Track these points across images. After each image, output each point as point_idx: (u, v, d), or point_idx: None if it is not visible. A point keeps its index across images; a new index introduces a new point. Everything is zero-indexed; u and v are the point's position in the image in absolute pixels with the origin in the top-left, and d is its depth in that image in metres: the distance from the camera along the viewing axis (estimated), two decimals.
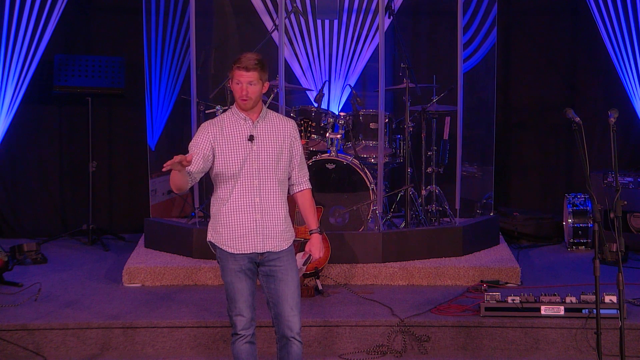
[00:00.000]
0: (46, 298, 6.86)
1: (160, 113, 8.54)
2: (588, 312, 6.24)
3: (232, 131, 4.93)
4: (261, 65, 4.88)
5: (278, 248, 4.97)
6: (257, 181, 4.90)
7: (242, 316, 4.99)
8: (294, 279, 4.99)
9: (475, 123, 8.50)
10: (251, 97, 4.87)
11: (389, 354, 6.24)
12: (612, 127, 5.34)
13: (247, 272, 4.97)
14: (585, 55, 9.29)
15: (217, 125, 4.94)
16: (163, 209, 8.57)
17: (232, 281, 4.97)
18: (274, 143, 4.94)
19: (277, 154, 4.94)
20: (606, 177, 8.49)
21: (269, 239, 4.94)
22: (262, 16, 8.87)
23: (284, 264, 4.97)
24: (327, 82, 8.77)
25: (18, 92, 8.38)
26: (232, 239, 4.94)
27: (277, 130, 4.97)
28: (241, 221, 4.92)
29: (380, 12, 7.66)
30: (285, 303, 4.97)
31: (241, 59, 4.88)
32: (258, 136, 4.92)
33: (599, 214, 5.20)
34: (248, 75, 4.85)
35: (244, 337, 5.01)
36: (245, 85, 4.86)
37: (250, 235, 4.92)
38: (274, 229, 4.95)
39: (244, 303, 4.98)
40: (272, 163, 4.92)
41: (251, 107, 4.91)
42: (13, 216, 9.12)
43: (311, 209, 5.14)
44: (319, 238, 5.13)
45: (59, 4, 8.30)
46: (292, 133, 5.01)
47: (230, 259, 4.96)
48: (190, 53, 7.84)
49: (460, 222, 7.92)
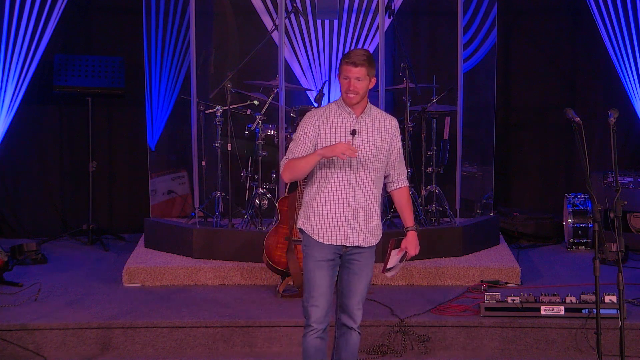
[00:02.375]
0: (46, 298, 6.86)
1: (160, 113, 8.54)
2: (588, 312, 6.24)
3: (336, 123, 4.97)
4: (369, 61, 4.91)
5: (366, 244, 5.02)
6: (354, 175, 4.94)
7: (317, 307, 4.96)
8: (367, 275, 5.04)
9: (475, 123, 8.50)
10: (358, 92, 4.91)
11: (389, 354, 6.24)
12: (612, 127, 5.35)
13: (330, 263, 4.99)
14: (585, 55, 9.28)
15: (322, 115, 4.99)
16: (163, 209, 8.57)
17: (314, 269, 4.98)
18: (374, 139, 4.97)
19: (376, 150, 4.97)
20: (606, 177, 8.49)
21: (359, 233, 4.98)
22: (262, 16, 8.87)
23: (363, 259, 5.02)
24: (327, 82, 8.76)
25: (18, 92, 8.37)
26: (323, 229, 4.98)
27: (379, 126, 5.00)
28: (334, 213, 4.96)
29: (380, 12, 7.67)
30: (354, 297, 5.02)
31: (350, 54, 4.92)
32: (360, 131, 4.95)
33: (599, 214, 5.20)
34: (356, 70, 4.88)
35: (316, 330, 4.98)
36: (353, 80, 4.89)
37: (341, 227, 4.96)
38: (365, 224, 4.99)
39: (321, 294, 4.96)
40: (371, 159, 4.96)
41: (357, 102, 4.94)
42: (13, 216, 9.11)
43: (408, 206, 5.15)
44: (415, 235, 5.13)
45: (58, 4, 8.29)
46: (392, 131, 5.04)
47: (317, 247, 4.99)
48: (190, 53, 7.84)
49: (460, 222, 7.93)
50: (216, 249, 7.52)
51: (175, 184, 8.66)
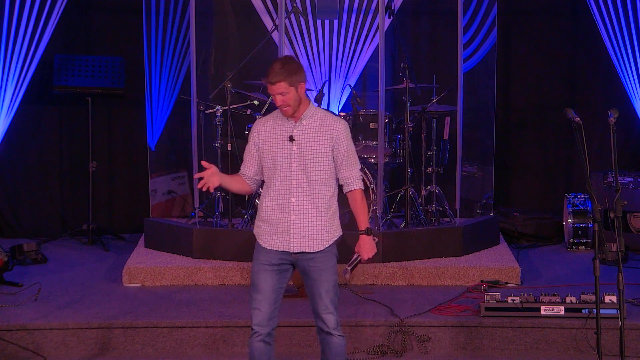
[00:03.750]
0: (46, 298, 6.86)
1: (160, 113, 8.54)
2: (588, 312, 6.24)
3: (275, 130, 4.99)
4: (286, 73, 4.88)
5: (312, 249, 4.99)
6: (295, 182, 4.94)
7: (258, 310, 4.97)
8: (327, 279, 5.00)
9: (475, 123, 8.50)
10: (289, 104, 4.92)
11: (389, 354, 6.24)
12: (612, 127, 5.34)
13: (275, 268, 4.99)
14: (585, 55, 9.28)
15: (263, 125, 5.05)
16: (163, 209, 8.58)
17: (257, 272, 5.00)
18: (313, 144, 4.96)
19: (316, 155, 4.96)
20: (606, 177, 8.49)
21: (303, 239, 4.97)
22: (262, 16, 8.87)
23: (319, 264, 4.99)
24: (327, 82, 8.77)
25: (18, 92, 8.38)
26: (267, 234, 5.01)
27: (319, 130, 4.98)
28: (276, 219, 4.98)
29: (380, 12, 7.67)
30: (319, 301, 5.00)
31: (267, 72, 4.91)
32: (299, 136, 4.95)
33: (599, 214, 5.20)
34: (276, 87, 4.89)
35: (258, 334, 4.97)
36: (279, 96, 4.91)
37: (282, 234, 4.97)
38: (309, 230, 4.97)
39: (263, 297, 4.96)
40: (311, 164, 4.95)
41: (293, 112, 4.96)
42: (13, 216, 9.12)
43: (359, 210, 5.10)
44: (367, 239, 5.10)
45: (58, 4, 8.30)
46: (335, 133, 4.99)
47: (262, 251, 5.02)
48: (190, 53, 7.84)
49: (460, 222, 7.92)
50: (216, 249, 7.52)
51: (175, 184, 8.66)
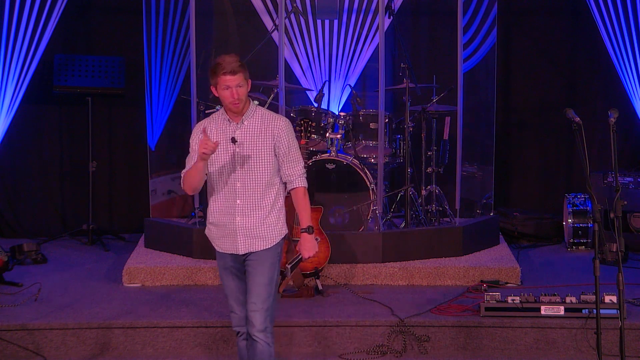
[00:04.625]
0: (46, 298, 6.86)
1: (160, 113, 8.54)
2: (588, 312, 6.24)
3: (217, 133, 4.95)
4: (243, 66, 4.88)
5: (259, 248, 4.99)
6: (240, 183, 4.92)
7: (234, 313, 5.07)
8: (262, 273, 4.95)
9: (475, 123, 8.50)
10: (242, 98, 4.89)
11: (389, 354, 6.25)
12: (612, 127, 5.34)
13: (233, 270, 5.03)
14: (585, 55, 9.28)
15: (205, 127, 4.98)
16: (163, 209, 8.57)
17: (222, 276, 5.10)
18: (256, 144, 4.93)
19: (259, 155, 4.93)
20: (606, 177, 8.49)
21: (250, 239, 4.97)
22: (262, 16, 8.87)
23: (258, 258, 4.96)
24: (327, 82, 8.76)
25: (18, 92, 8.38)
26: (217, 238, 5.04)
27: (261, 130, 4.95)
28: (224, 222, 4.98)
29: (380, 12, 7.66)
30: (249, 296, 4.96)
31: (223, 64, 4.83)
32: (242, 137, 4.93)
33: (599, 214, 5.20)
34: (234, 78, 4.83)
35: (241, 333, 5.09)
36: (235, 89, 4.85)
37: (230, 236, 4.97)
38: (256, 230, 4.96)
39: (234, 300, 5.05)
40: (255, 164, 4.92)
41: (242, 109, 4.92)
42: (13, 216, 9.11)
43: (301, 207, 5.07)
44: (309, 238, 5.07)
45: (58, 4, 8.30)
46: (276, 132, 4.95)
47: (218, 255, 5.09)
48: (190, 53, 7.84)
49: (460, 222, 7.92)
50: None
51: (175, 184, 8.65)
